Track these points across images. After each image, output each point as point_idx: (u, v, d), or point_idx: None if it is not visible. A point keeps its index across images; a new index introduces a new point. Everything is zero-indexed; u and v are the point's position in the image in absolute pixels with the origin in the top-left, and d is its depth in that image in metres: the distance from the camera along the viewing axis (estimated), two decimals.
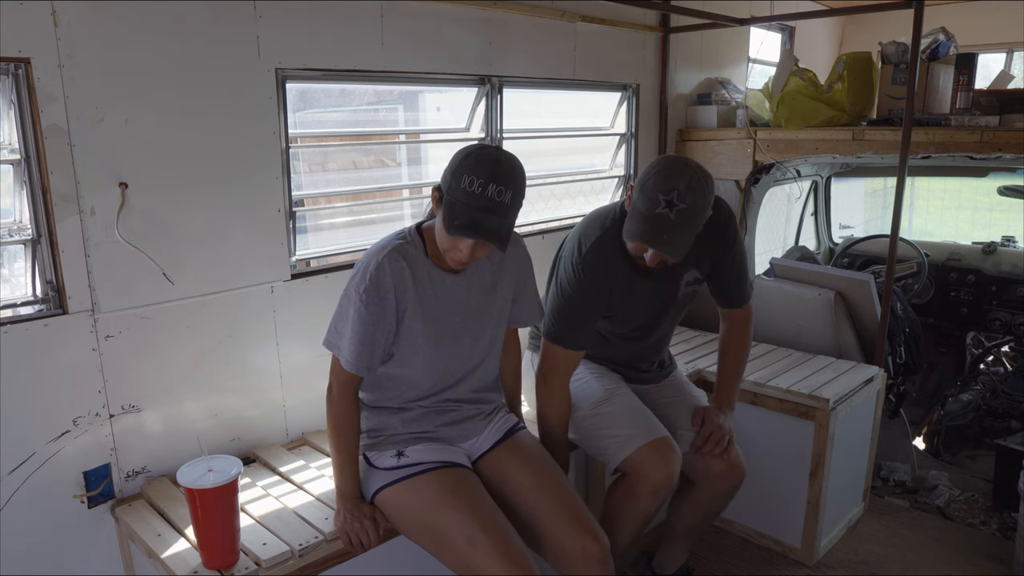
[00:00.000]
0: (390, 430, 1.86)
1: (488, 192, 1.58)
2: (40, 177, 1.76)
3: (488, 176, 1.58)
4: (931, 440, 3.58)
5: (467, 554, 1.67)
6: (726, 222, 2.14)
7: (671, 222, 1.83)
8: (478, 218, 1.59)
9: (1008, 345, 3.92)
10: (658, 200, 1.83)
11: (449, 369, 1.86)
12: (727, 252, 2.18)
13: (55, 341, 1.82)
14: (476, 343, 1.87)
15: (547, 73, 2.98)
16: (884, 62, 3.26)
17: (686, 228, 1.86)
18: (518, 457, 1.91)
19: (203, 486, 1.59)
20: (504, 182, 1.60)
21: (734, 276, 2.24)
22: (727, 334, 2.35)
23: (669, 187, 1.82)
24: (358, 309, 1.70)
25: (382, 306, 1.70)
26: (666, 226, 1.83)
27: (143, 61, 1.86)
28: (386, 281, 1.70)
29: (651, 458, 2.03)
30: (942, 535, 2.83)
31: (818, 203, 4.50)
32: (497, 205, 1.59)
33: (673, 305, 2.21)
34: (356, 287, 1.71)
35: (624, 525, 2.12)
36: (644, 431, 2.08)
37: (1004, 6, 4.33)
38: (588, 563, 1.76)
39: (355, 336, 1.71)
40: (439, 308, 1.78)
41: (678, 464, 2.06)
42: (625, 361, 2.32)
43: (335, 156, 2.66)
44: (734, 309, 2.32)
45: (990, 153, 2.80)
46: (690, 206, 1.83)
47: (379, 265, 1.70)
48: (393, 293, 1.71)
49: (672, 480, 2.05)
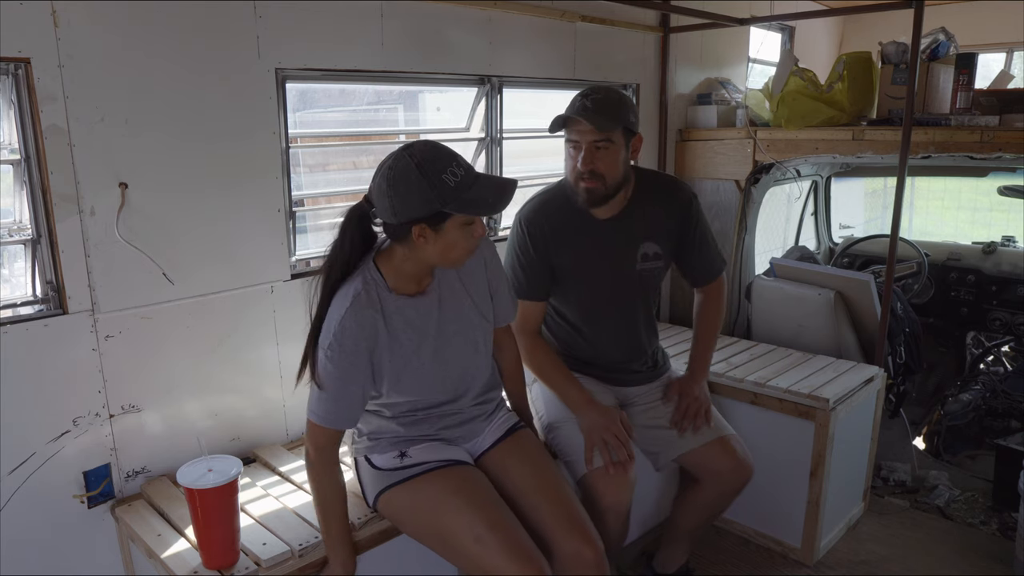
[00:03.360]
0: (391, 432, 1.85)
1: (463, 168, 1.57)
2: (40, 177, 1.76)
3: (446, 160, 1.56)
4: (931, 440, 3.58)
5: (477, 554, 1.66)
6: (688, 202, 2.26)
7: (588, 108, 2.00)
8: (485, 186, 1.60)
9: (1008, 345, 3.91)
10: (575, 100, 2.04)
11: (446, 385, 1.84)
12: (689, 230, 2.26)
13: (55, 341, 1.82)
14: (466, 356, 1.84)
15: (547, 73, 2.98)
16: (884, 62, 3.26)
17: (602, 110, 2.00)
18: (518, 456, 1.91)
19: (203, 486, 1.59)
20: (456, 156, 1.59)
21: (699, 254, 2.31)
22: (700, 306, 2.42)
23: (588, 90, 2.05)
24: (325, 367, 1.63)
25: (352, 360, 1.65)
26: (583, 107, 2.00)
27: (143, 61, 1.86)
28: (355, 336, 1.63)
29: (601, 483, 2.01)
30: (942, 535, 2.83)
31: (818, 203, 4.50)
32: (479, 175, 1.61)
33: (632, 281, 2.23)
34: (321, 346, 1.64)
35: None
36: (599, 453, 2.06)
37: (1004, 6, 4.33)
38: (582, 566, 1.76)
39: (327, 393, 1.65)
40: (416, 338, 1.74)
41: (628, 492, 2.03)
42: (612, 364, 2.31)
43: (335, 156, 2.66)
44: (704, 286, 2.39)
45: (990, 153, 2.79)
46: (604, 96, 2.02)
47: (342, 322, 1.62)
48: (364, 344, 1.65)
49: (622, 507, 2.02)
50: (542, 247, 2.17)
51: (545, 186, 2.29)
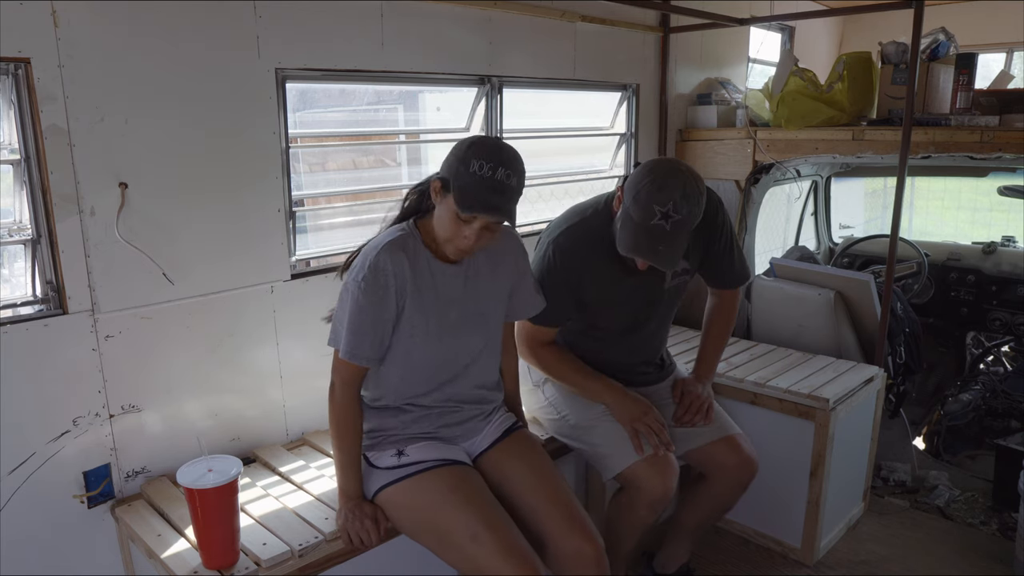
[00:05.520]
0: (390, 430, 1.86)
1: (497, 175, 1.64)
2: (40, 177, 1.76)
3: (497, 161, 1.65)
4: (931, 440, 3.58)
5: (472, 553, 1.67)
6: (715, 210, 2.15)
7: (667, 233, 1.83)
8: (490, 197, 1.65)
9: (1008, 345, 3.91)
10: (653, 211, 1.82)
11: (448, 361, 1.85)
12: (717, 239, 2.20)
13: (55, 341, 1.82)
14: (474, 335, 1.87)
15: (547, 73, 2.98)
16: (884, 62, 3.26)
17: (681, 237, 1.86)
18: (516, 456, 1.91)
19: (203, 486, 1.59)
20: (510, 167, 1.67)
21: (726, 261, 2.26)
22: (714, 308, 2.39)
23: (664, 198, 1.82)
24: (356, 298, 1.70)
25: (381, 295, 1.71)
26: (662, 238, 1.83)
27: (143, 61, 1.86)
28: (386, 271, 1.71)
29: (648, 473, 2.04)
30: (942, 535, 2.83)
31: (818, 203, 4.50)
32: (505, 187, 1.66)
33: (662, 299, 2.22)
34: (355, 277, 1.72)
35: (623, 536, 2.16)
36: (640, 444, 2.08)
37: (1004, 6, 4.33)
38: (583, 564, 1.77)
39: (353, 326, 1.72)
40: (437, 300, 1.79)
41: (675, 478, 2.07)
42: (623, 366, 2.31)
43: (335, 156, 2.66)
44: (724, 290, 2.36)
45: (990, 153, 2.80)
46: (685, 216, 1.84)
47: (378, 256, 1.71)
48: (394, 283, 1.72)
49: (669, 495, 2.05)
50: (575, 282, 2.07)
51: (580, 207, 2.16)
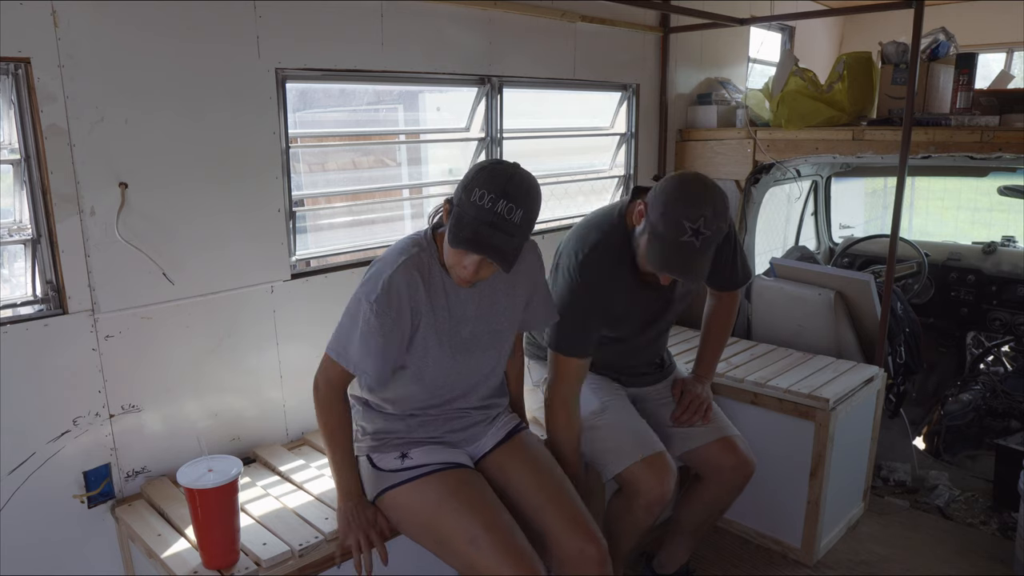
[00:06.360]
0: (395, 433, 1.85)
1: (497, 208, 1.54)
2: (40, 177, 1.76)
3: (499, 192, 1.54)
4: (931, 440, 3.58)
5: (471, 555, 1.67)
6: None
7: (696, 250, 1.80)
8: (484, 233, 1.55)
9: (1008, 345, 3.91)
10: (684, 228, 1.79)
11: (460, 378, 1.84)
12: (725, 245, 2.19)
13: (55, 341, 1.82)
14: (487, 353, 1.85)
15: (547, 73, 2.98)
16: (884, 62, 3.26)
17: (709, 253, 1.85)
18: (520, 458, 1.91)
19: (203, 486, 1.59)
20: (515, 200, 1.55)
21: (730, 264, 2.26)
22: (714, 309, 2.39)
23: (695, 214, 1.78)
24: (368, 319, 1.66)
25: (394, 318, 1.67)
26: (693, 255, 1.81)
27: (143, 61, 1.86)
28: (400, 294, 1.66)
29: (645, 474, 2.04)
30: (942, 535, 2.83)
31: (818, 203, 4.50)
32: (505, 223, 1.55)
33: (671, 307, 2.22)
34: (367, 295, 1.66)
35: (622, 536, 2.16)
36: (639, 446, 2.09)
37: (1004, 6, 4.32)
38: (586, 565, 1.77)
39: (365, 347, 1.68)
40: (451, 319, 1.76)
41: (672, 480, 2.06)
42: (623, 366, 2.31)
43: (335, 156, 2.66)
44: (724, 292, 2.36)
45: (990, 153, 2.80)
46: (714, 232, 1.81)
47: (392, 277, 1.66)
48: (408, 306, 1.68)
49: (666, 497, 2.05)
50: (604, 305, 2.02)
51: (594, 222, 2.09)
